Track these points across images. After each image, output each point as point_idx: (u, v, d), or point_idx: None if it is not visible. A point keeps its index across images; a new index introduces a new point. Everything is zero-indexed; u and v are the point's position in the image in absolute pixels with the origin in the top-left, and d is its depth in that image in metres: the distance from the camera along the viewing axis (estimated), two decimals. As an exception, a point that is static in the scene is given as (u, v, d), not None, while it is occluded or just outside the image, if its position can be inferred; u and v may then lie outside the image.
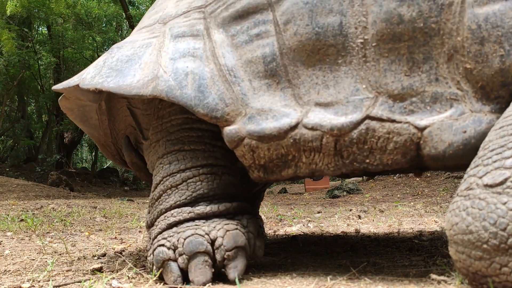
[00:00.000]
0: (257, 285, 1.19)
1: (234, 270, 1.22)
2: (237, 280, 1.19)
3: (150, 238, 1.37)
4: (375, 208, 5.16)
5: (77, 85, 1.49)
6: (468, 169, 0.99)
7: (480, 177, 0.92)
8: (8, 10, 9.05)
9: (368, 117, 1.15)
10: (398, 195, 7.67)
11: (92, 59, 13.57)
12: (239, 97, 1.28)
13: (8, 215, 3.83)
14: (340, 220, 3.71)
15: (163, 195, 1.38)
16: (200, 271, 1.20)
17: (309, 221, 3.72)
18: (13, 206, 4.72)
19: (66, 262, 1.70)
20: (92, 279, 1.36)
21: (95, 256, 1.83)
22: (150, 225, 1.41)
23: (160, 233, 1.33)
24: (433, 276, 1.13)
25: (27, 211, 4.32)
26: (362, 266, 1.39)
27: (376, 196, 7.85)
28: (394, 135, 1.13)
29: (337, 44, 1.18)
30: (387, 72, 1.15)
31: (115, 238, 2.58)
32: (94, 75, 1.45)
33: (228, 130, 1.28)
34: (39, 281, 1.37)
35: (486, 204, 0.88)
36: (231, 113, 1.28)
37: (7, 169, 11.99)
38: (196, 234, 1.25)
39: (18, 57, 11.47)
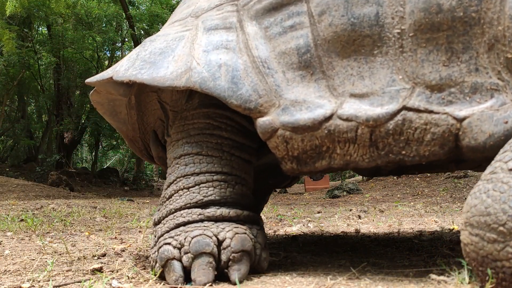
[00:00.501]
0: (257, 285, 1.18)
1: (237, 272, 1.22)
2: (237, 281, 1.19)
3: (155, 236, 1.37)
4: (375, 208, 5.16)
5: (111, 78, 1.49)
6: (496, 155, 0.98)
7: (506, 162, 0.93)
8: (7, 11, 9.03)
9: (404, 108, 1.14)
10: (398, 195, 7.67)
11: (92, 59, 13.57)
12: (273, 89, 1.28)
13: (8, 215, 3.83)
14: (340, 220, 3.72)
15: (175, 195, 1.38)
16: (203, 272, 1.20)
17: (309, 221, 3.72)
18: (13, 206, 4.72)
19: (66, 262, 1.70)
20: (92, 279, 1.36)
21: (95, 256, 1.83)
22: (157, 223, 1.41)
23: (167, 231, 1.32)
24: (433, 276, 1.13)
25: (27, 211, 4.32)
26: (362, 266, 1.39)
27: (376, 196, 7.85)
28: (431, 126, 1.12)
29: (373, 35, 1.17)
30: (425, 62, 1.13)
31: (115, 238, 2.58)
32: (128, 68, 1.46)
33: (261, 121, 1.28)
34: (39, 281, 1.36)
35: (508, 188, 0.88)
36: (265, 104, 1.27)
37: (7, 169, 11.97)
38: (204, 234, 1.25)
39: (18, 57, 11.46)
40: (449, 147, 1.12)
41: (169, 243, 1.28)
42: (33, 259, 1.77)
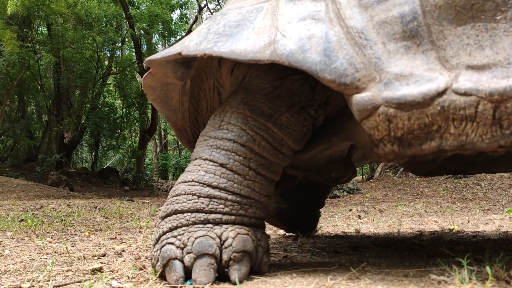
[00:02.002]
0: (257, 285, 1.19)
1: (237, 272, 1.21)
2: (237, 280, 1.19)
3: (157, 233, 1.36)
4: (375, 208, 5.16)
5: (179, 53, 1.41)
6: None
7: None
8: (8, 10, 9.02)
9: None
10: (398, 195, 7.68)
11: (92, 59, 13.56)
12: (372, 62, 1.16)
13: (8, 215, 3.83)
14: (340, 220, 3.72)
15: (183, 196, 1.35)
16: (204, 272, 1.20)
17: (309, 221, 3.71)
18: (13, 206, 4.72)
19: (66, 262, 1.70)
20: (92, 279, 1.36)
21: (95, 256, 1.83)
22: (162, 218, 1.39)
23: (169, 230, 1.31)
24: (433, 276, 1.13)
25: (27, 211, 4.32)
26: (362, 266, 1.39)
27: (376, 196, 7.85)
28: None
29: None
30: None
31: (115, 238, 2.58)
32: (200, 42, 1.37)
33: (359, 97, 1.16)
34: (39, 281, 1.36)
35: None
36: (363, 79, 1.16)
37: (7, 169, 11.96)
38: (207, 236, 1.24)
39: (18, 57, 11.46)
40: None
41: (172, 243, 1.27)
42: (33, 259, 1.77)
